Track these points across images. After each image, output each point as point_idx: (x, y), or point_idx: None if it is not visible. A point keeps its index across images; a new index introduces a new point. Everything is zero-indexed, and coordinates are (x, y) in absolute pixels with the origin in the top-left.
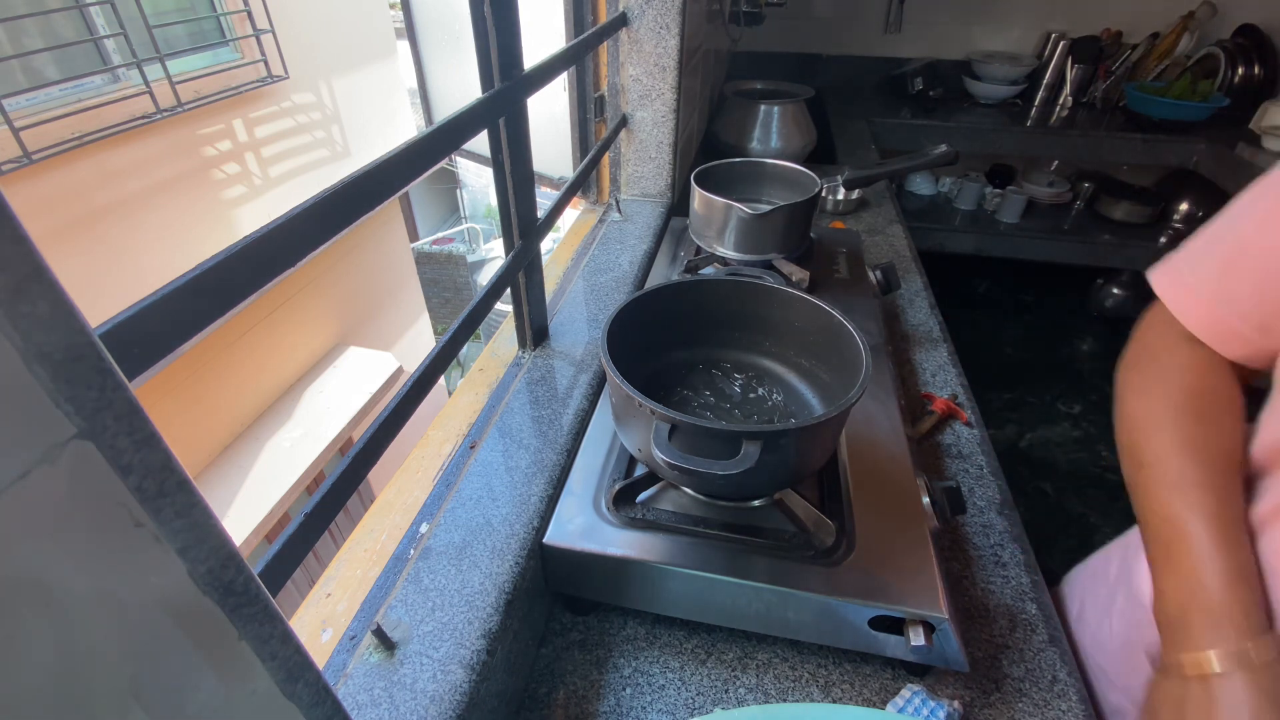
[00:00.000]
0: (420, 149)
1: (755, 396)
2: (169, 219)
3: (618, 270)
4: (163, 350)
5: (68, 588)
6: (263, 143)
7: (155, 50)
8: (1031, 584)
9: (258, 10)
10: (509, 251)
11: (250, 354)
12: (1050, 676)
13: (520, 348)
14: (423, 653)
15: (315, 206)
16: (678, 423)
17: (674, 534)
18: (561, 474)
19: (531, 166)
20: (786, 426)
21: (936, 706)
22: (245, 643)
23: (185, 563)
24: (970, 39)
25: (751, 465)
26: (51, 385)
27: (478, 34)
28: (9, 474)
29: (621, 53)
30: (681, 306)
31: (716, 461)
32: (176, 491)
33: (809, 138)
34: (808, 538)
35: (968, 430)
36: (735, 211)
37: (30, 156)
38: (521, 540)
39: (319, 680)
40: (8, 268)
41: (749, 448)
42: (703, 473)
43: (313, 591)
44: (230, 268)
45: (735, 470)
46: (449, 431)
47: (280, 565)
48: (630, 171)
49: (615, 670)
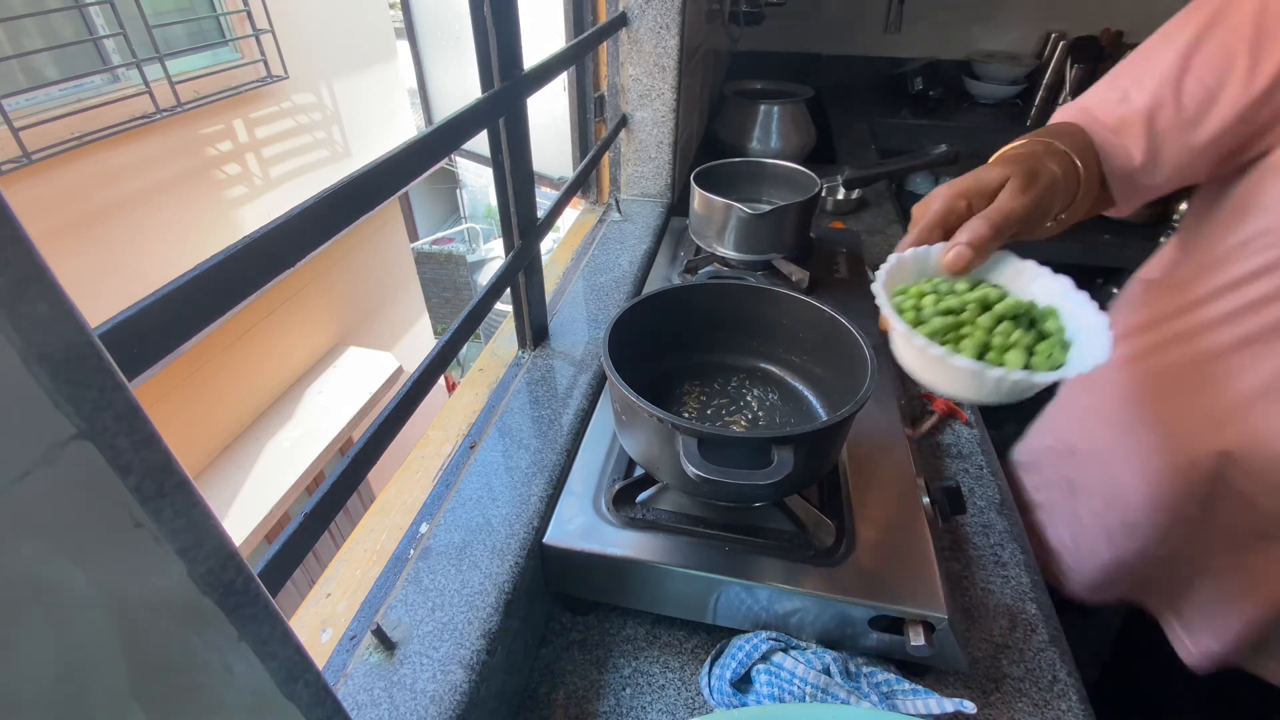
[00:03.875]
0: (420, 149)
1: (756, 398)
2: (169, 219)
3: (617, 270)
4: (163, 350)
5: (68, 588)
6: (263, 143)
7: (155, 50)
8: (1031, 584)
9: (257, 10)
10: (509, 251)
11: (250, 354)
12: (1050, 676)
13: (520, 348)
14: (423, 653)
15: (315, 206)
16: (705, 435)
17: (674, 534)
18: (561, 474)
19: (531, 166)
20: (815, 428)
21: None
22: (245, 643)
23: (185, 563)
24: (970, 39)
25: (789, 471)
26: (51, 385)
27: (477, 34)
28: (9, 474)
29: (621, 53)
30: (681, 310)
31: (755, 472)
32: (176, 491)
33: (809, 138)
34: (808, 538)
35: (968, 430)
36: (735, 211)
37: (30, 156)
38: (521, 540)
39: (319, 680)
40: (8, 268)
41: (781, 453)
42: (742, 484)
43: (313, 591)
44: (230, 267)
45: (774, 479)
46: (449, 431)
47: (280, 565)
48: (630, 171)
49: (615, 670)
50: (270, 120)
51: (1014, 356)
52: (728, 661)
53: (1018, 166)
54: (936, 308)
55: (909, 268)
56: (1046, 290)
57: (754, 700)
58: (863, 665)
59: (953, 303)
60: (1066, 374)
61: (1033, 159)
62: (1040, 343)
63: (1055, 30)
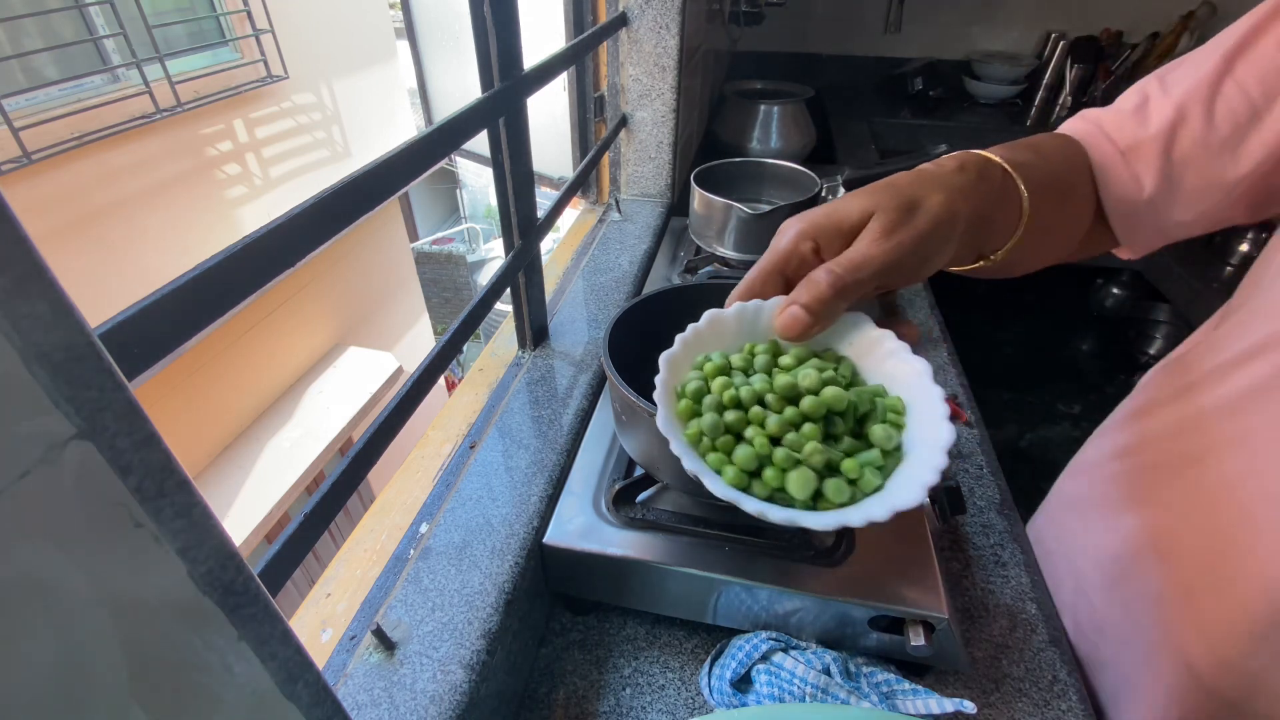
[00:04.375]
0: (420, 149)
1: None
2: (169, 219)
3: (618, 270)
4: (163, 350)
5: (68, 588)
6: (263, 143)
7: (155, 50)
8: (1031, 584)
9: (257, 10)
10: (509, 251)
11: (250, 354)
12: (1050, 676)
13: (520, 348)
14: (423, 653)
15: (315, 206)
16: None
17: (674, 534)
18: (561, 474)
19: (531, 166)
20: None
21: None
22: (245, 643)
23: (185, 563)
24: (970, 39)
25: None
26: (51, 385)
27: (477, 34)
28: (9, 474)
29: (621, 53)
30: (681, 310)
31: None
32: (176, 491)
33: (809, 138)
34: (808, 538)
35: (968, 430)
36: (735, 211)
37: (30, 156)
38: (521, 540)
39: (319, 680)
40: (8, 268)
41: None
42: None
43: (313, 591)
44: (230, 267)
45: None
46: (449, 431)
47: (280, 565)
48: (630, 171)
49: (615, 670)
50: (270, 120)
51: (797, 479)
52: (728, 661)
53: (890, 197)
54: (721, 396)
55: (728, 328)
56: (898, 375)
57: (754, 700)
58: (863, 665)
59: (744, 393)
60: (851, 519)
61: (921, 184)
62: (852, 458)
63: (1055, 30)
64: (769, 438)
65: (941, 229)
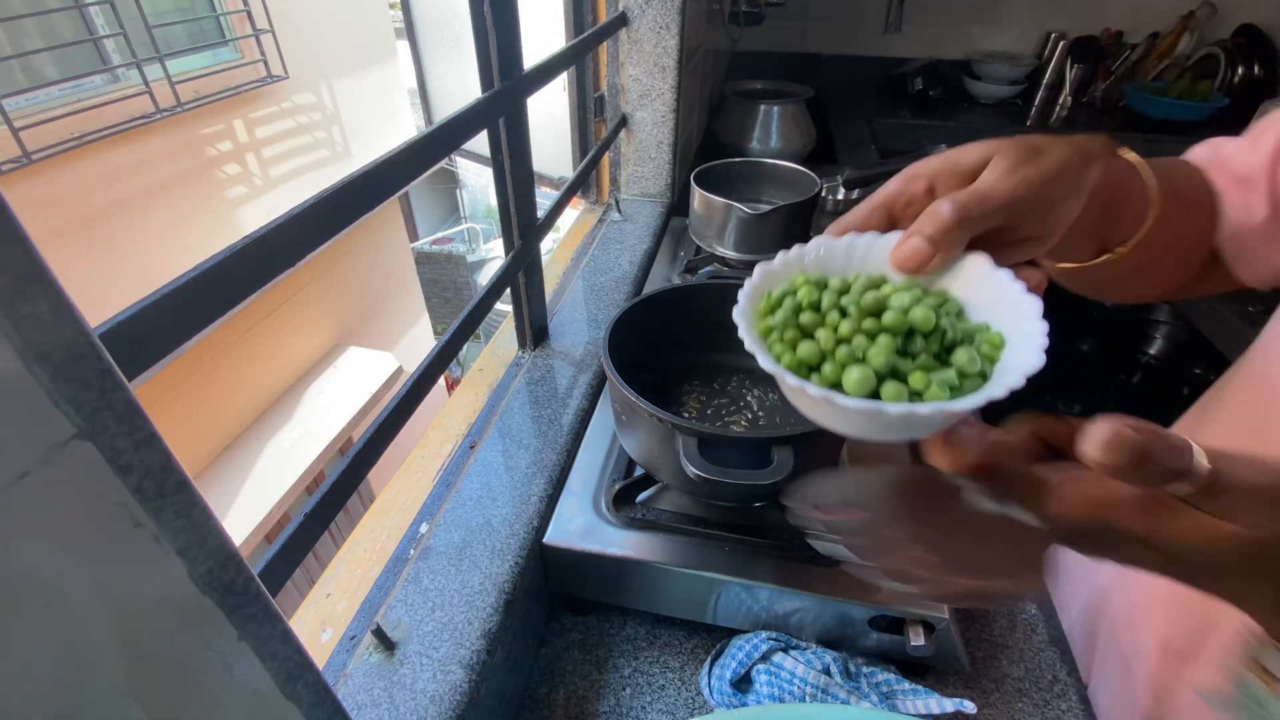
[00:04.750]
0: (420, 149)
1: (756, 398)
2: (169, 219)
3: (617, 270)
4: (163, 350)
5: (68, 588)
6: (263, 143)
7: (155, 50)
8: None
9: (257, 10)
10: (509, 251)
11: (250, 354)
12: (1050, 676)
13: (520, 348)
14: (423, 653)
15: (315, 206)
16: (704, 435)
17: (674, 534)
18: (561, 474)
19: (531, 166)
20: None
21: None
22: (245, 643)
23: (185, 563)
24: (970, 39)
25: (789, 471)
26: (51, 385)
27: (477, 34)
28: (9, 474)
29: (621, 53)
30: (681, 310)
31: (755, 472)
32: (176, 491)
33: (809, 138)
34: (807, 537)
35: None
36: (735, 211)
37: (30, 156)
38: (521, 540)
39: (319, 680)
40: (8, 268)
41: (781, 453)
42: (742, 484)
43: (313, 591)
44: (230, 268)
45: (774, 479)
46: (449, 431)
47: (280, 565)
48: (630, 171)
49: (615, 670)
50: (270, 120)
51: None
52: (728, 661)
53: (1013, 143)
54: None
55: (836, 256)
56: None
57: (754, 700)
58: (863, 665)
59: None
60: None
61: (1042, 139)
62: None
63: (1055, 30)
64: (837, 341)
65: (1069, 174)
